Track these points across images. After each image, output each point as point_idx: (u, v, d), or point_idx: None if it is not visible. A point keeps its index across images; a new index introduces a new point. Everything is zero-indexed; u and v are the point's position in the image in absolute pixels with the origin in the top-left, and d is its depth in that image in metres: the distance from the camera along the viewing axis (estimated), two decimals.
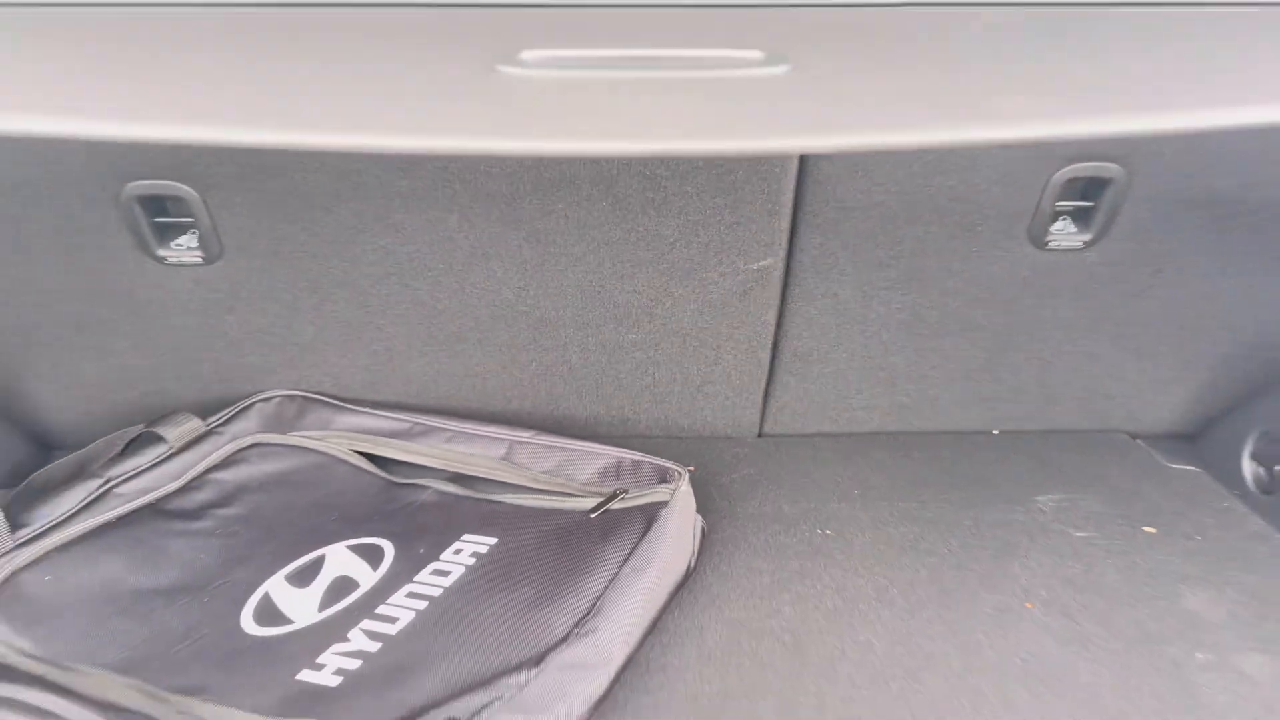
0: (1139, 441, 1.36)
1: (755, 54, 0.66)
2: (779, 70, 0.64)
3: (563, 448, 1.22)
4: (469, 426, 1.26)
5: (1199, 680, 0.92)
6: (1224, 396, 1.30)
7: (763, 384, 1.32)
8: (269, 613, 0.96)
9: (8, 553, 0.99)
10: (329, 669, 0.88)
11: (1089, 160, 1.11)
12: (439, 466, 1.22)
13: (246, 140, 0.57)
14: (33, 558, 0.99)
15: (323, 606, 0.97)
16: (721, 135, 0.58)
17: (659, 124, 0.59)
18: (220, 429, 1.22)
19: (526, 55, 0.64)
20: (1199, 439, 1.34)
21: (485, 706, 0.81)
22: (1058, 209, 1.17)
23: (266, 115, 0.62)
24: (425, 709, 0.81)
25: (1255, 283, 1.23)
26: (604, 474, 1.19)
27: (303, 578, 1.01)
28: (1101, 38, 0.77)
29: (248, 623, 0.94)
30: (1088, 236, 1.18)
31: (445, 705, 0.81)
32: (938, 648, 0.96)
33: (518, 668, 0.86)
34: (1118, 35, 0.78)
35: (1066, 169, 1.12)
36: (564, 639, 0.90)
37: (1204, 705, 0.89)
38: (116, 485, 1.11)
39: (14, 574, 0.97)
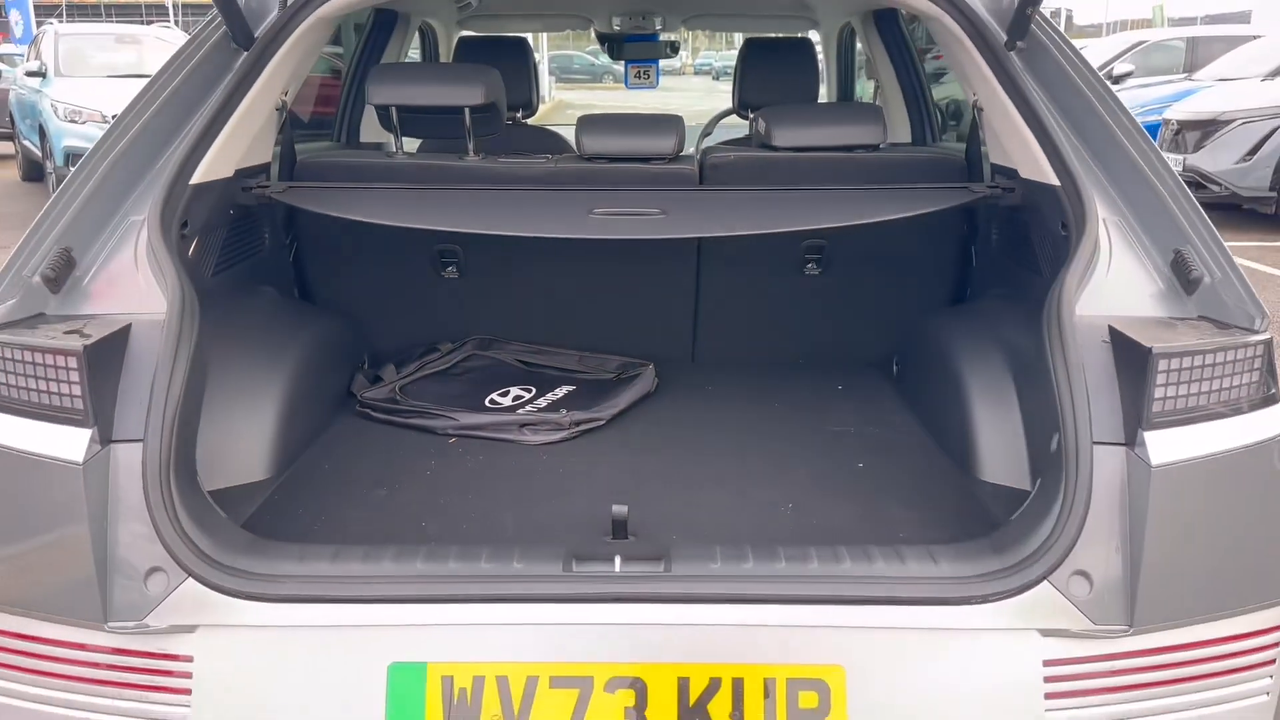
0: (866, 365, 3.00)
1: (656, 210, 2.33)
2: (663, 215, 2.31)
3: (601, 357, 2.89)
4: (561, 349, 2.93)
5: (831, 428, 2.54)
6: (892, 343, 2.92)
7: (691, 333, 2.98)
8: (493, 401, 2.62)
9: (399, 379, 2.68)
10: (520, 413, 2.54)
11: (813, 238, 2.77)
12: (549, 364, 2.88)
13: (482, 231, 2.26)
14: (406, 382, 2.67)
15: (513, 400, 2.63)
16: (652, 232, 2.29)
17: (636, 229, 2.28)
18: (459, 349, 2.90)
19: (596, 211, 2.32)
20: (887, 363, 2.95)
21: (580, 410, 2.47)
22: (806, 257, 2.82)
23: (492, 223, 2.32)
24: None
25: (900, 294, 2.87)
26: (619, 366, 2.86)
27: (503, 394, 2.67)
28: (778, 205, 2.44)
29: (486, 404, 2.61)
30: (820, 271, 2.83)
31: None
32: (738, 420, 2.59)
33: (584, 406, 2.52)
34: (791, 204, 2.45)
35: (806, 241, 2.77)
36: (602, 404, 2.55)
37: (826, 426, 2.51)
38: (427, 365, 2.80)
39: (403, 385, 2.65)
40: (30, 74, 12.67)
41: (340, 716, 1.63)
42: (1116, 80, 15.44)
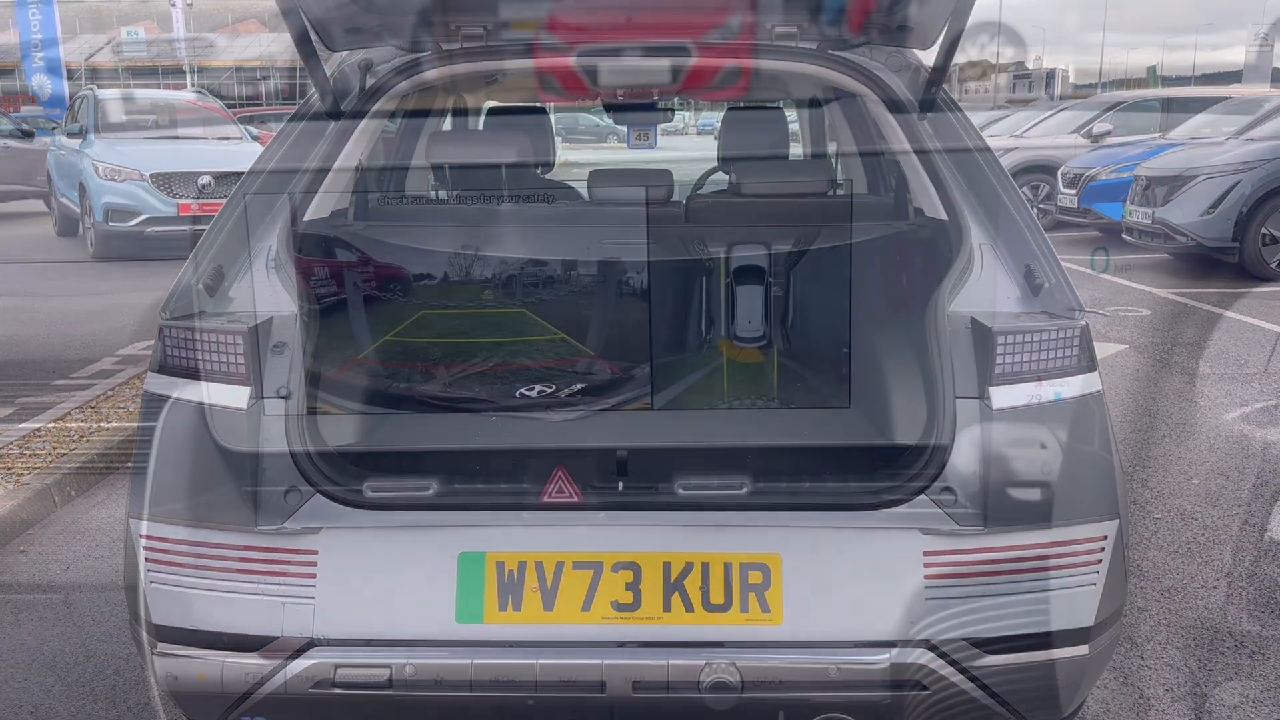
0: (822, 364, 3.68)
1: (652, 240, 3.04)
2: (657, 244, 3.03)
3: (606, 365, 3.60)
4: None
5: (789, 410, 3.22)
6: (843, 348, 3.61)
7: (680, 341, 3.68)
8: (523, 394, 3.31)
9: (449, 377, 3.38)
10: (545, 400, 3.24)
11: (778, 264, 3.48)
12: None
13: (518, 256, 2.98)
14: (454, 379, 3.37)
15: (539, 394, 3.32)
16: (649, 255, 3.00)
17: (637, 253, 3.00)
18: None
19: (606, 240, 3.03)
20: (840, 364, 3.64)
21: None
22: (772, 280, 3.53)
23: (526, 250, 3.04)
24: None
25: (850, 310, 3.58)
26: (623, 368, 3.56)
27: (530, 390, 3.36)
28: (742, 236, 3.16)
29: (518, 395, 3.30)
30: (784, 291, 3.54)
31: None
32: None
33: (595, 395, 3.21)
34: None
35: (772, 267, 3.49)
36: (609, 394, 3.25)
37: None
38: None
39: (451, 381, 3.35)
40: (71, 135, 13.57)
41: (424, 590, 2.30)
42: (1096, 139, 16.36)
